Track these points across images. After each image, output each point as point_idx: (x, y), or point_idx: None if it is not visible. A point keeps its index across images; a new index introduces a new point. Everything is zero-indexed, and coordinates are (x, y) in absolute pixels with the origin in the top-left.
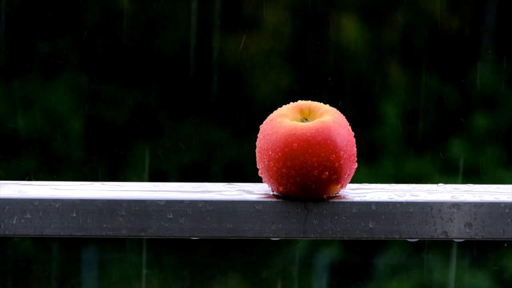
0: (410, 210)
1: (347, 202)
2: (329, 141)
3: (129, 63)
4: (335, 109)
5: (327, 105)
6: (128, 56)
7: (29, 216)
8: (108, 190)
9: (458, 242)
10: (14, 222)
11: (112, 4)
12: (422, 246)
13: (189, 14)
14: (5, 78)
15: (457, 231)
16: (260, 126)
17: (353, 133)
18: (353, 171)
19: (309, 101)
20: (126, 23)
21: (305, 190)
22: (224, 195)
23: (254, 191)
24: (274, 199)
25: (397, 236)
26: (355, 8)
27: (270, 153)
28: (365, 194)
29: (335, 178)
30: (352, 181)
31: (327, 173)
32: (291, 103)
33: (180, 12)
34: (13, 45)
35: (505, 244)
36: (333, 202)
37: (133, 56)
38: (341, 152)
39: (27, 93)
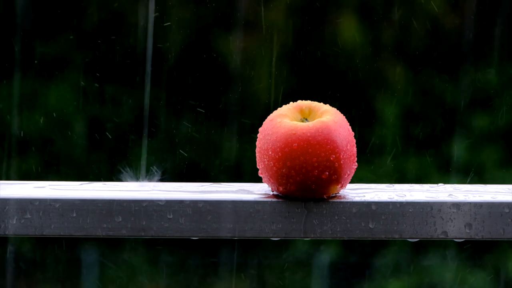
0: (410, 210)
1: (347, 202)
2: (329, 141)
3: (129, 63)
4: (335, 109)
5: (327, 105)
6: (128, 56)
7: (29, 216)
8: (108, 190)
9: (458, 242)
10: (14, 222)
11: (112, 4)
12: (422, 246)
13: (189, 14)
14: (6, 78)
15: (457, 231)
16: (260, 126)
17: (353, 133)
18: (353, 171)
19: (309, 101)
20: (126, 23)
21: (305, 190)
22: (224, 195)
23: (254, 191)
24: (274, 199)
25: (397, 236)
26: (355, 7)
27: (270, 153)
28: (365, 194)
29: (335, 178)
30: (352, 181)
31: (327, 173)
32: (291, 103)
33: (180, 12)
34: (14, 45)
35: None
36: (333, 202)
37: (133, 56)
38: (341, 152)
39: (27, 93)
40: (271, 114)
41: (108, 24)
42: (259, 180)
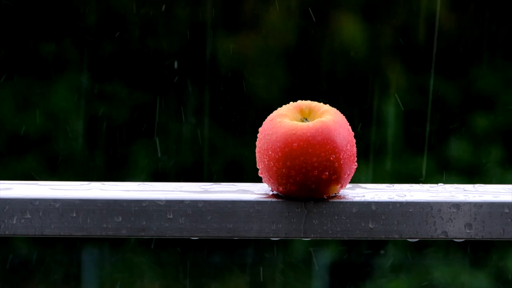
0: (410, 210)
1: (347, 202)
2: (329, 141)
3: (129, 63)
4: (335, 109)
5: (327, 105)
6: (128, 56)
7: (29, 216)
8: (108, 190)
9: (458, 242)
10: (14, 222)
11: (112, 5)
12: (422, 246)
13: (189, 14)
14: (6, 78)
15: (457, 231)
16: (260, 126)
17: (353, 133)
18: (353, 171)
19: (309, 101)
20: (126, 23)
21: (305, 190)
22: (224, 195)
23: (254, 191)
24: (274, 199)
25: (397, 236)
26: (355, 7)
27: (270, 153)
28: (365, 194)
29: (335, 178)
30: (352, 181)
31: (327, 173)
32: (291, 103)
33: (180, 12)
34: (14, 45)
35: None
36: (333, 202)
37: (133, 56)
38: (341, 152)
39: (27, 93)
40: (271, 114)
41: (108, 24)
42: (259, 180)
